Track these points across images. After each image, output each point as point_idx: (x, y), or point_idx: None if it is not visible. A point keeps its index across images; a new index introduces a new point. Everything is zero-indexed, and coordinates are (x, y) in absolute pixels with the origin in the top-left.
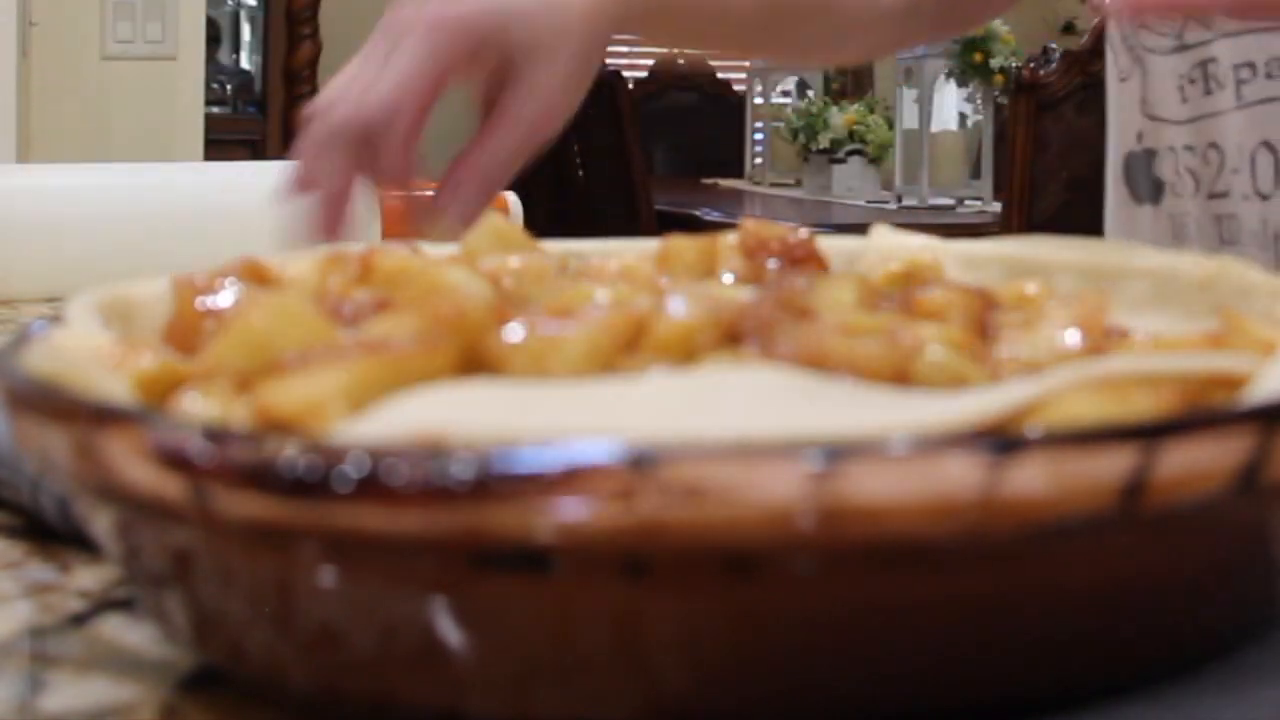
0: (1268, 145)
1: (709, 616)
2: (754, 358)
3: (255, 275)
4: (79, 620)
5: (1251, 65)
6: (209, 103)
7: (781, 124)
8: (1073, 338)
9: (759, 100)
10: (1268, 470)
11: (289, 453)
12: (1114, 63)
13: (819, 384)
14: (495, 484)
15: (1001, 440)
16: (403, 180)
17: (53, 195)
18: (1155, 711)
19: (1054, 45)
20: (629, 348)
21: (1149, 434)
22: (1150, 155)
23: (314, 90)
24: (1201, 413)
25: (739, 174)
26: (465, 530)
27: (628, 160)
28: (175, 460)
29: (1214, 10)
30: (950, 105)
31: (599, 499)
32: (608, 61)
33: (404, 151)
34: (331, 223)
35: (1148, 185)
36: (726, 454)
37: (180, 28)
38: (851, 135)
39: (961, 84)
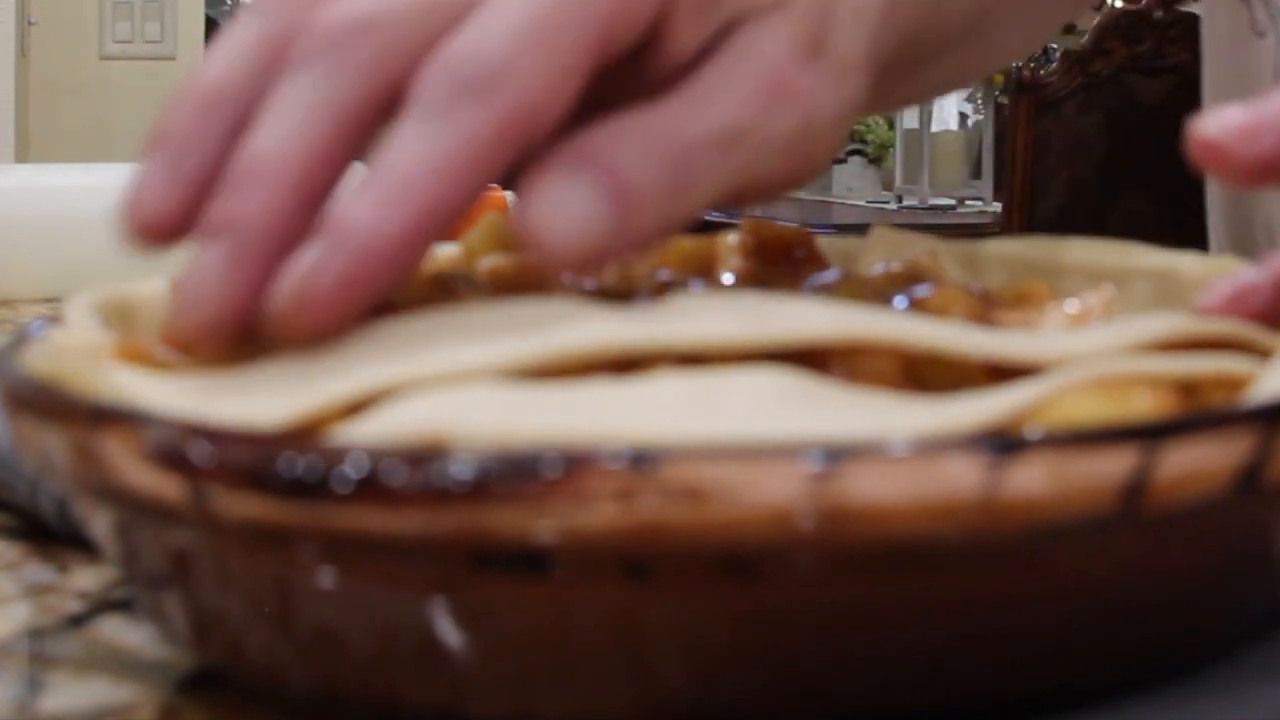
0: None
1: (710, 617)
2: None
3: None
4: (78, 621)
5: None
6: None
7: None
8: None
9: None
10: (1269, 471)
11: (288, 453)
12: (1240, 12)
13: (822, 386)
14: (495, 484)
15: (1001, 441)
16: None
17: (52, 195)
18: (1155, 711)
19: (1054, 45)
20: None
21: (1149, 434)
22: None
23: None
24: (1202, 413)
25: None
26: (465, 531)
27: None
28: (174, 461)
29: None
30: (950, 105)
31: (599, 500)
32: None
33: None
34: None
35: None
36: (727, 455)
37: (179, 28)
38: (851, 135)
39: None
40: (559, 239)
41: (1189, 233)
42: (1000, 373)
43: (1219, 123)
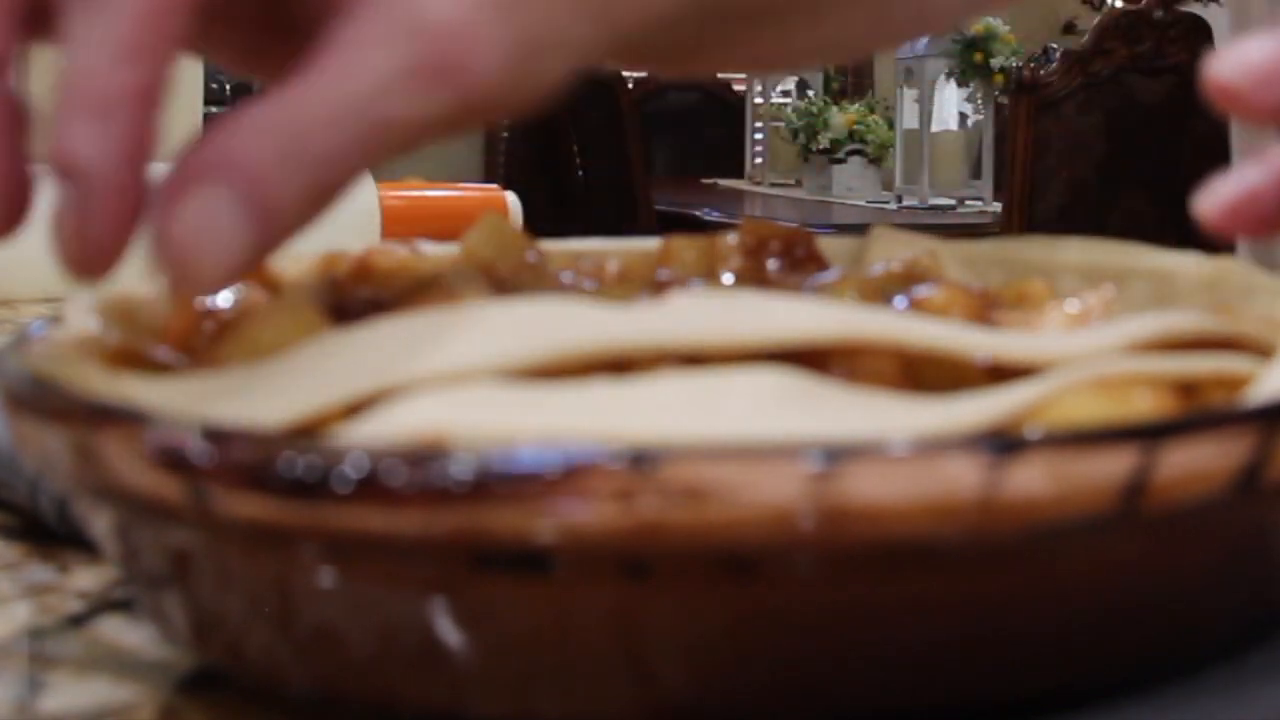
0: None
1: (710, 617)
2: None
3: (255, 275)
4: (78, 621)
5: None
6: (209, 103)
7: (781, 124)
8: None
9: (759, 100)
10: (1269, 471)
11: (288, 453)
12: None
13: (822, 386)
14: (495, 485)
15: (1001, 441)
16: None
17: (53, 195)
18: (1155, 711)
19: (1054, 45)
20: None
21: (1149, 434)
22: None
23: None
24: (1202, 413)
25: (739, 174)
26: (465, 531)
27: (627, 160)
28: (174, 461)
29: None
30: (950, 105)
31: (599, 500)
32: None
33: None
34: None
35: None
36: (726, 455)
37: None
38: (851, 135)
39: (962, 84)
40: (205, 263)
41: (1189, 233)
42: (1000, 373)
43: (1235, 64)
